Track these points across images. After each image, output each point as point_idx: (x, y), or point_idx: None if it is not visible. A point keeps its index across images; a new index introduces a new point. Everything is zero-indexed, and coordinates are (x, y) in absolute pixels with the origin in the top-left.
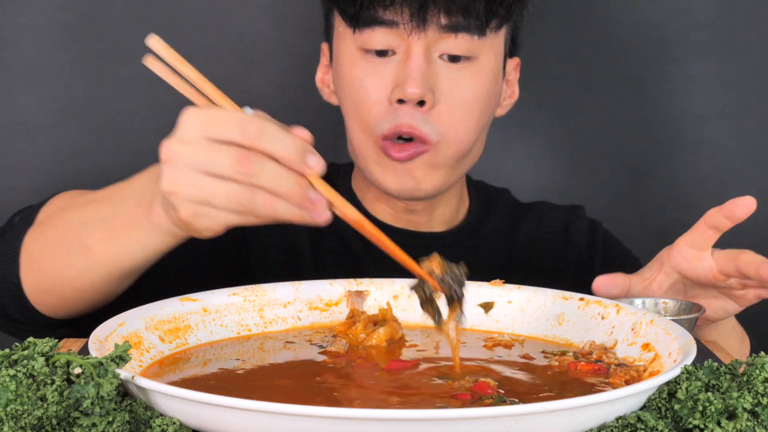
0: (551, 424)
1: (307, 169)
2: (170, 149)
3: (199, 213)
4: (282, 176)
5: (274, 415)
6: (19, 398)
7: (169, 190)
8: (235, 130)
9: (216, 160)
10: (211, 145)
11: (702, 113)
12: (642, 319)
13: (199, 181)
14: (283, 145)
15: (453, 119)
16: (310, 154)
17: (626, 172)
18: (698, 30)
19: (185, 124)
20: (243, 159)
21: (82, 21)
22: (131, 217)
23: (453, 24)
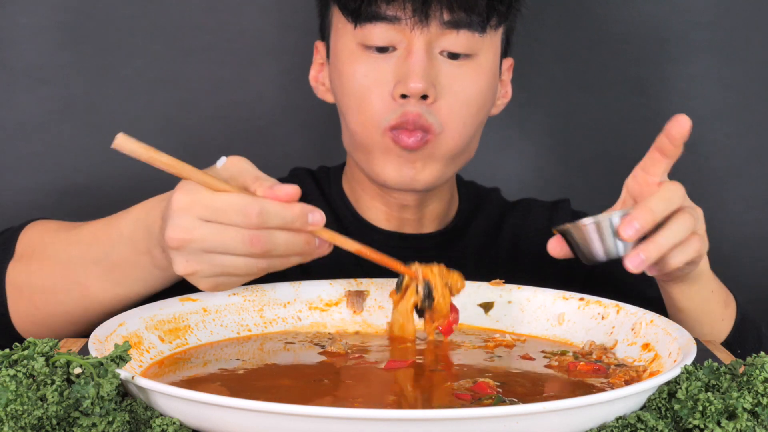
0: (551, 424)
1: (310, 228)
2: (175, 238)
3: (219, 283)
4: (291, 242)
5: (274, 415)
6: (19, 398)
7: (187, 273)
8: (235, 216)
9: (228, 243)
10: (219, 229)
11: (702, 113)
12: (642, 319)
13: (214, 260)
14: (284, 219)
15: (453, 114)
16: (309, 214)
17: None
18: (698, 30)
19: (180, 211)
20: (254, 241)
21: (82, 21)
22: (132, 263)
23: (455, 20)
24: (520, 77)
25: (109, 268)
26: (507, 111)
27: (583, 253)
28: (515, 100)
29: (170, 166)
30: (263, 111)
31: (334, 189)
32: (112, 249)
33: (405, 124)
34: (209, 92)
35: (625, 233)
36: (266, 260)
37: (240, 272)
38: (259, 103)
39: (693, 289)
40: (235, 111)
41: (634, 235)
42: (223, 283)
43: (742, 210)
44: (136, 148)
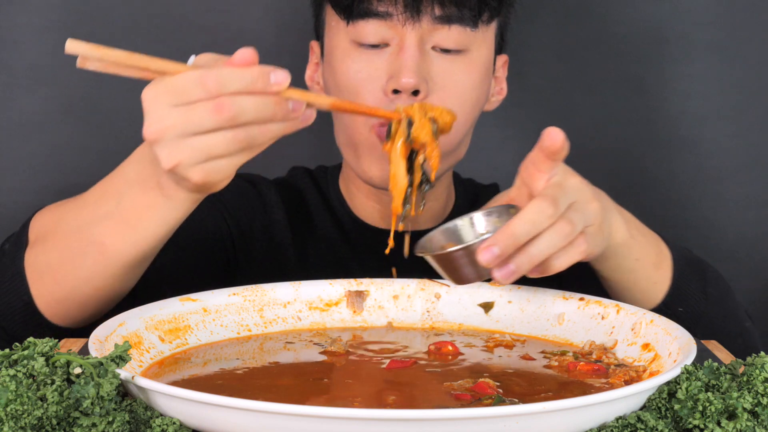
0: (551, 424)
1: (275, 87)
2: (151, 131)
3: (208, 170)
4: (260, 104)
5: (274, 415)
6: (19, 398)
7: (171, 166)
8: (195, 90)
9: (196, 121)
10: (186, 109)
11: (702, 113)
12: (642, 319)
13: (193, 143)
14: (244, 80)
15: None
16: (270, 73)
17: (626, 172)
18: (698, 30)
19: (149, 103)
20: (219, 108)
21: (82, 21)
22: (143, 203)
23: (446, 15)
24: (519, 76)
25: (123, 217)
26: (506, 110)
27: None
28: (514, 98)
29: (127, 60)
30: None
31: (331, 188)
32: (122, 197)
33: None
34: None
35: (483, 259)
36: (243, 130)
37: (221, 150)
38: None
39: (613, 261)
40: None
41: (493, 261)
42: (213, 169)
43: (741, 210)
44: (87, 50)
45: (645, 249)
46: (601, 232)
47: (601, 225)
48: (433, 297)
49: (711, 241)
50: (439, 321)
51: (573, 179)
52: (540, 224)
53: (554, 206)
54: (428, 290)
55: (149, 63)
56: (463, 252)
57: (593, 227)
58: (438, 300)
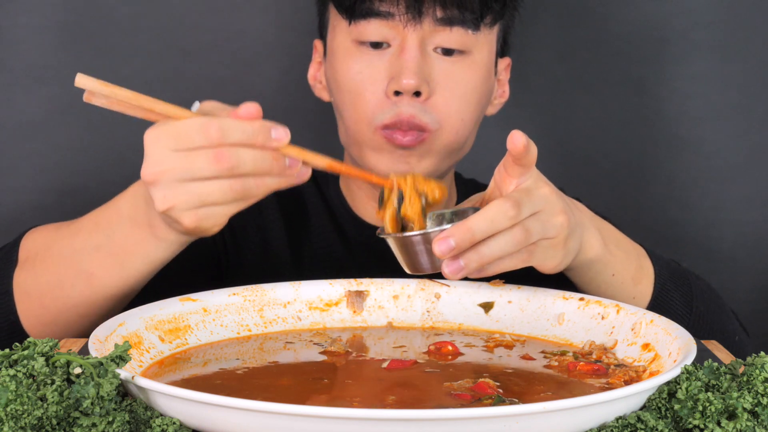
0: (551, 424)
1: (274, 143)
2: (150, 172)
3: (201, 216)
4: (258, 158)
5: (274, 415)
6: (19, 398)
7: (165, 208)
8: (197, 137)
9: (195, 167)
10: (186, 155)
11: (702, 113)
12: (642, 319)
13: (189, 189)
14: (245, 133)
15: (450, 109)
16: (272, 129)
17: (626, 172)
18: (698, 30)
19: (150, 144)
20: (219, 157)
21: (82, 21)
22: (133, 239)
23: (448, 17)
24: (519, 77)
25: (112, 251)
26: (506, 110)
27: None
28: (515, 99)
29: (131, 100)
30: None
31: (332, 188)
32: (113, 231)
33: (399, 124)
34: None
35: (438, 248)
36: (239, 181)
37: (216, 198)
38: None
39: (587, 276)
40: None
41: (447, 252)
42: (206, 216)
43: (741, 210)
44: (96, 86)
45: (623, 264)
46: (562, 248)
47: (565, 239)
48: (433, 297)
49: (711, 241)
50: (439, 321)
51: (544, 188)
52: (498, 224)
53: (516, 209)
54: (428, 290)
55: (154, 105)
56: (420, 238)
57: (552, 241)
58: (438, 300)
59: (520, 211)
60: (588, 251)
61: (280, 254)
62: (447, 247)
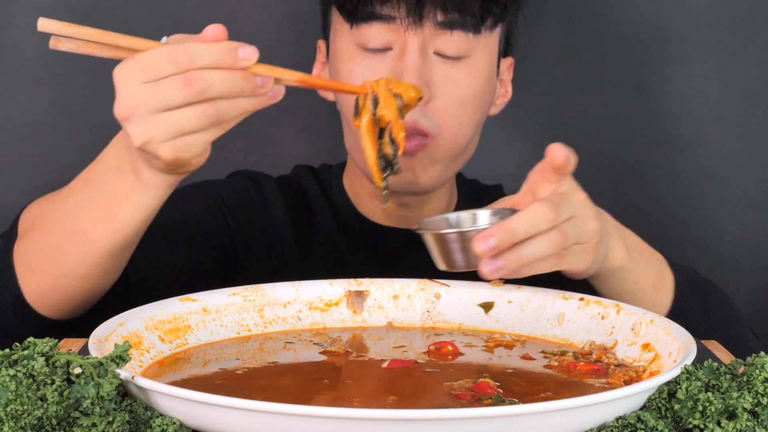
0: (551, 424)
1: (243, 63)
2: (122, 108)
3: (179, 146)
4: (228, 78)
5: (274, 415)
6: (19, 398)
7: (142, 142)
8: (165, 65)
9: (167, 96)
10: (156, 85)
11: (702, 113)
12: (642, 319)
13: (163, 119)
14: (212, 55)
15: (449, 114)
16: (239, 48)
17: (626, 172)
18: (698, 30)
19: (120, 80)
20: (188, 82)
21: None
22: (120, 188)
23: (449, 21)
24: (520, 77)
25: (103, 204)
26: (507, 110)
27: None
28: (515, 99)
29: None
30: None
31: (334, 186)
32: (101, 184)
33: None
34: None
35: (478, 247)
36: (212, 105)
37: (192, 125)
38: None
39: (610, 283)
40: None
41: (487, 252)
42: (184, 146)
43: (741, 210)
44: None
45: (645, 272)
46: (593, 253)
47: (596, 246)
48: (433, 297)
49: (711, 241)
50: (439, 321)
51: (579, 194)
52: (538, 226)
53: (555, 212)
54: (428, 290)
55: (120, 40)
56: (458, 236)
57: (584, 246)
58: (438, 300)
59: (559, 214)
60: (613, 259)
61: (287, 251)
62: (487, 246)
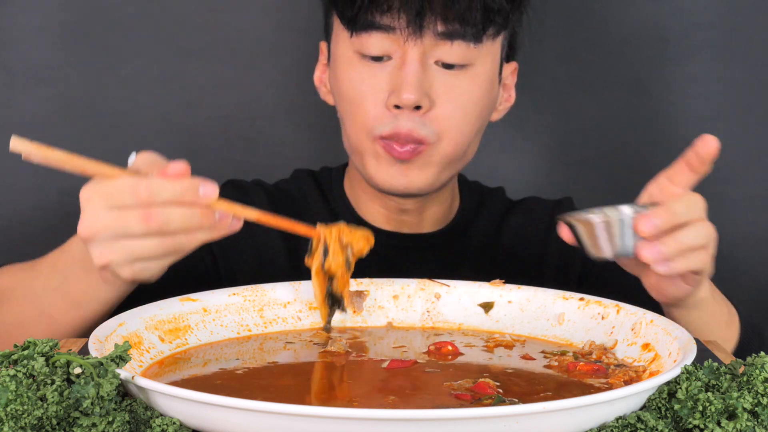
0: (551, 424)
1: (203, 200)
2: (85, 229)
3: (137, 270)
4: (187, 215)
5: (274, 415)
6: (19, 398)
7: (102, 264)
8: (127, 197)
9: (126, 226)
10: (118, 214)
11: (702, 113)
12: (642, 319)
13: (122, 246)
14: (174, 192)
15: (449, 123)
16: (200, 187)
17: (626, 172)
18: (698, 30)
19: (85, 202)
20: (148, 218)
21: (82, 21)
22: (86, 283)
23: (449, 31)
24: (521, 78)
25: (68, 293)
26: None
27: (588, 248)
28: (516, 100)
29: (65, 162)
30: (263, 111)
31: (335, 189)
32: (67, 274)
33: (396, 136)
34: (209, 92)
35: (644, 228)
36: (171, 238)
37: (150, 254)
38: (259, 103)
39: (693, 314)
40: (235, 111)
41: (652, 231)
42: (142, 269)
43: (741, 210)
44: (31, 149)
45: (720, 306)
46: (712, 264)
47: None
48: (433, 297)
49: None
50: (439, 321)
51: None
52: (693, 211)
53: (703, 204)
54: (428, 290)
55: (87, 166)
56: (604, 224)
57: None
58: (438, 300)
59: (705, 209)
60: (702, 289)
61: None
62: (652, 226)
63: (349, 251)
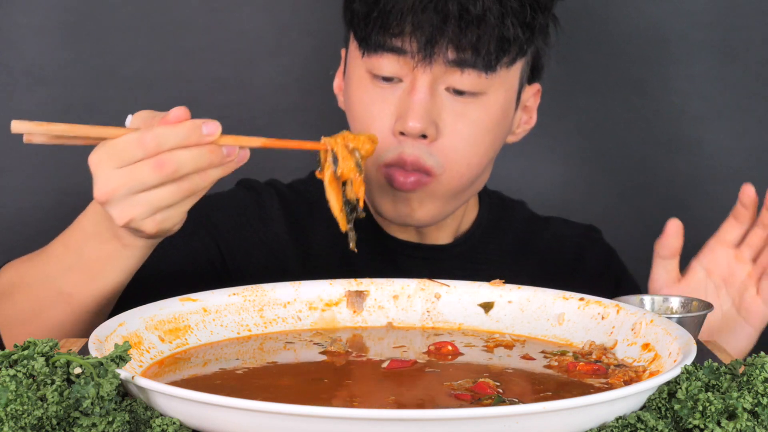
0: (551, 424)
1: (208, 138)
2: (101, 193)
3: (160, 220)
4: (196, 155)
5: (274, 415)
6: (19, 398)
7: (125, 222)
8: (136, 151)
9: (141, 179)
10: (130, 170)
11: (702, 113)
12: (642, 319)
13: (141, 200)
14: (179, 136)
15: (456, 153)
16: (202, 125)
17: (626, 172)
18: (698, 30)
19: (95, 167)
20: (159, 165)
21: (82, 21)
22: (102, 253)
23: (460, 59)
24: None
25: (85, 269)
26: None
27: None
28: None
29: (70, 131)
30: (263, 111)
31: None
32: (82, 250)
33: (402, 163)
34: (209, 92)
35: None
36: (186, 181)
37: (168, 201)
38: (259, 103)
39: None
40: (235, 111)
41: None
42: (163, 219)
43: None
44: (32, 127)
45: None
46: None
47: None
48: (433, 297)
49: None
50: (439, 321)
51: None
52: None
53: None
54: (428, 290)
55: (90, 131)
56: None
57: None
58: (438, 300)
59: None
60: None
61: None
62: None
63: (357, 154)
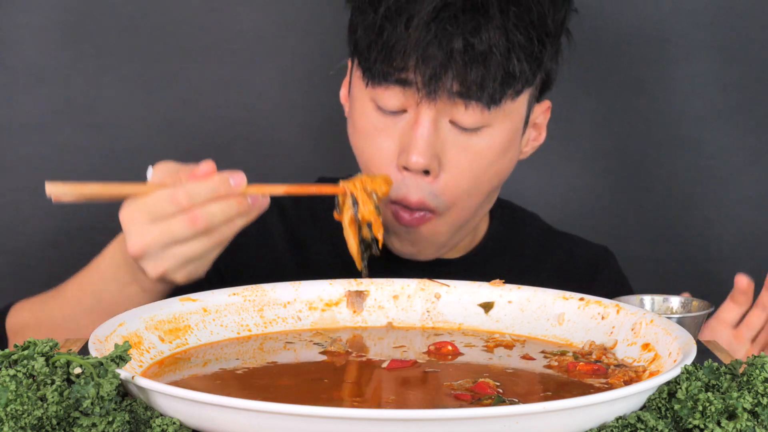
0: (551, 424)
1: (236, 189)
2: (136, 247)
3: (191, 270)
4: (225, 208)
5: (274, 415)
6: (19, 398)
7: (159, 274)
8: (168, 207)
9: (175, 233)
10: (163, 225)
11: (702, 113)
12: (642, 319)
13: (174, 254)
14: (209, 190)
15: (459, 189)
16: (230, 179)
17: (626, 172)
18: (698, 30)
19: (128, 222)
20: (193, 220)
21: (82, 21)
22: (123, 297)
23: (465, 94)
24: None
25: (104, 311)
26: None
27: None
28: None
29: (100, 192)
30: (263, 111)
31: None
32: (101, 294)
33: (407, 203)
34: (209, 92)
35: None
36: (215, 232)
37: (200, 252)
38: (259, 103)
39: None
40: (235, 111)
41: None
42: (195, 269)
43: (741, 210)
44: (65, 189)
45: None
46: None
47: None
48: (433, 297)
49: (711, 241)
50: (439, 321)
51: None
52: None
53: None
54: (428, 290)
55: (120, 190)
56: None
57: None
58: (438, 300)
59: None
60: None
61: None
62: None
63: (374, 197)
